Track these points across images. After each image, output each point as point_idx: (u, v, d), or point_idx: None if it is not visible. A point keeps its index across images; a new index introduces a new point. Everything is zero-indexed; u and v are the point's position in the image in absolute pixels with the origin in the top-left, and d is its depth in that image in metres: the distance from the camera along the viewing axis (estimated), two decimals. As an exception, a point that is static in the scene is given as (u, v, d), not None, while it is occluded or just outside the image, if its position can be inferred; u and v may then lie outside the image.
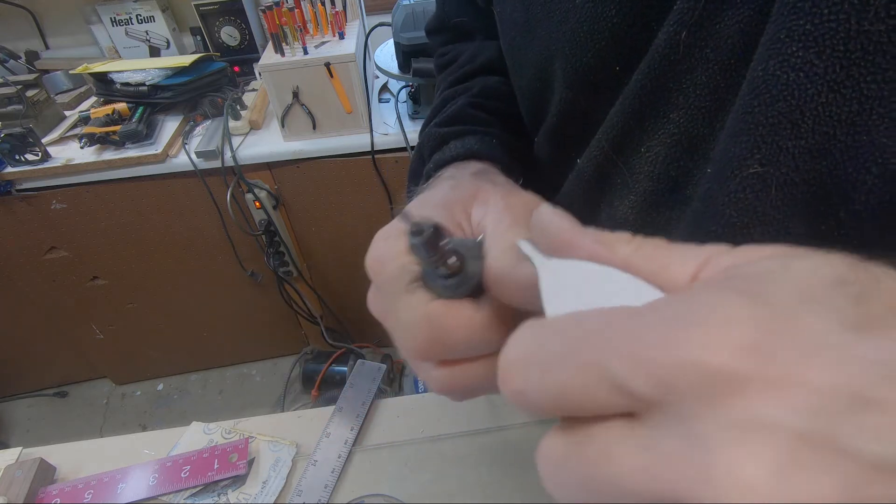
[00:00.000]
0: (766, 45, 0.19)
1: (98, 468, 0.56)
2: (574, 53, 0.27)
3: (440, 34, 0.51)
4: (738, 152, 0.21)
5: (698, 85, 0.23)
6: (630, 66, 0.25)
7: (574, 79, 0.28)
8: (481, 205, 0.26)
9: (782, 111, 0.19)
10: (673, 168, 0.25)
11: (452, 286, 0.22)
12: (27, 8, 1.45)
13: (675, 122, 0.24)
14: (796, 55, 0.18)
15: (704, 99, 0.23)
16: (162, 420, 1.68)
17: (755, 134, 0.20)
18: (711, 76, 0.22)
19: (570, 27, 0.26)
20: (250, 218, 1.30)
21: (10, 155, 1.14)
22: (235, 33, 1.38)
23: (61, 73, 1.39)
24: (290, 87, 1.12)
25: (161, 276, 1.43)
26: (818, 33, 0.17)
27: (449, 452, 0.56)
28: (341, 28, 1.16)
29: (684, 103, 0.23)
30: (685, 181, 0.25)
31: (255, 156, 1.20)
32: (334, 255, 1.45)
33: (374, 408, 0.60)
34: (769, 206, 0.22)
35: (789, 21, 0.18)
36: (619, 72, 0.26)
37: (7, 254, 1.32)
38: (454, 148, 0.34)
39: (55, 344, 1.60)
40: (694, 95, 0.23)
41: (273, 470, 0.54)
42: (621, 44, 0.25)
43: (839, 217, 0.21)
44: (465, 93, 0.41)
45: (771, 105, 0.19)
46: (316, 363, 1.55)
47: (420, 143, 0.39)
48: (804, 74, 0.18)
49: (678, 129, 0.24)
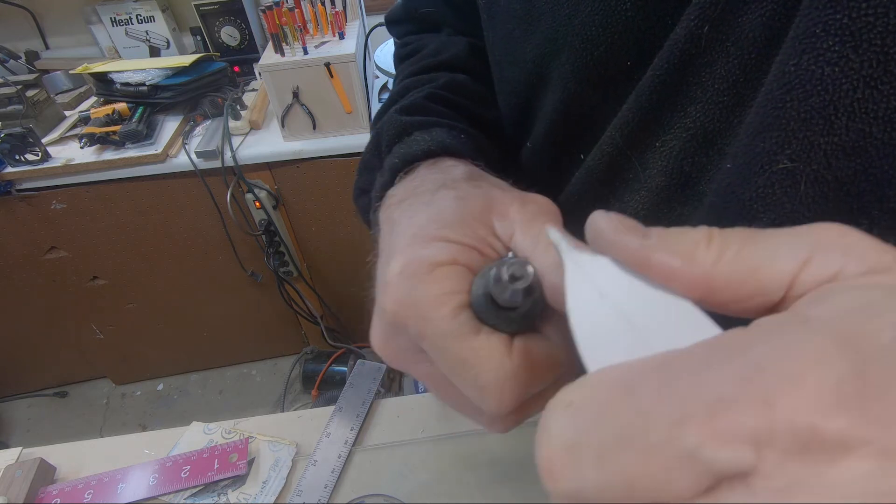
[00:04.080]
0: (799, 39, 0.18)
1: (98, 468, 0.56)
2: (585, 47, 0.26)
3: (402, 24, 0.47)
4: (766, 147, 0.21)
5: (717, 79, 0.22)
6: (643, 61, 0.25)
7: (584, 73, 0.27)
8: (501, 217, 0.24)
9: (815, 106, 0.19)
10: (687, 163, 0.25)
11: (518, 318, 0.20)
12: (27, 8, 1.45)
13: (691, 117, 0.24)
14: (832, 49, 0.17)
15: (723, 94, 0.22)
16: (162, 420, 1.68)
17: (786, 129, 0.20)
18: (731, 70, 0.22)
19: (581, 20, 0.26)
20: (250, 218, 1.30)
21: (10, 155, 1.14)
22: (235, 33, 1.38)
23: (61, 73, 1.39)
24: (290, 87, 1.12)
25: (161, 276, 1.43)
26: (855, 27, 0.17)
27: (449, 452, 0.55)
28: (341, 28, 1.16)
29: (702, 97, 0.23)
30: (699, 176, 0.25)
31: (255, 156, 1.20)
32: (334, 255, 1.45)
33: (374, 408, 0.60)
34: (798, 203, 0.21)
35: (825, 15, 0.17)
36: (631, 66, 0.26)
37: (7, 254, 1.32)
38: (422, 141, 0.31)
39: (55, 344, 1.59)
40: (712, 90, 0.23)
41: (273, 470, 0.54)
42: (635, 38, 0.25)
43: (872, 215, 0.20)
44: (429, 83, 0.38)
45: (804, 100, 0.19)
46: (316, 363, 1.56)
47: (377, 131, 0.34)
48: (839, 69, 0.18)
49: (694, 124, 0.24)
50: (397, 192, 0.29)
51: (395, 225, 0.26)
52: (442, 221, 0.23)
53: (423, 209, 0.25)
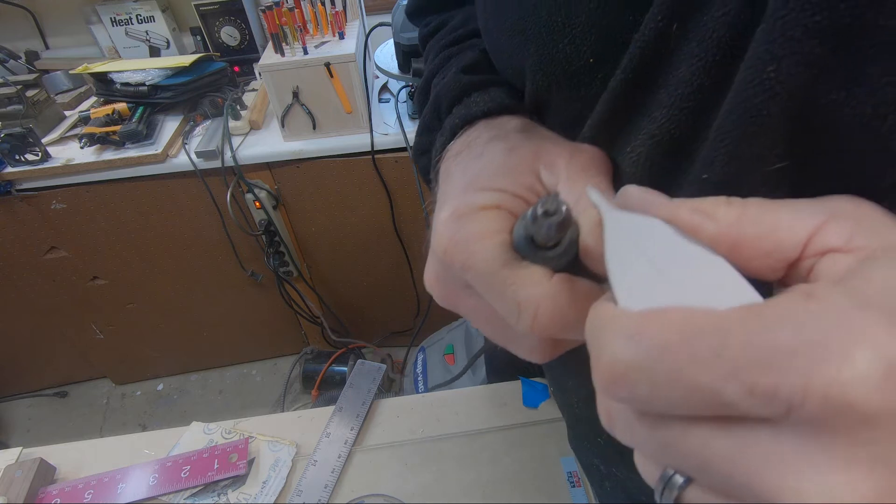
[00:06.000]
0: (776, 43, 0.18)
1: (98, 468, 0.56)
2: (551, 39, 0.25)
3: (423, 13, 0.47)
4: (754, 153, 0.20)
5: (682, 82, 0.21)
6: (607, 58, 0.24)
7: (550, 68, 0.27)
8: (549, 167, 0.25)
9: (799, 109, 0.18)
10: (656, 170, 0.24)
11: (556, 256, 0.21)
12: (27, 8, 1.45)
13: (658, 122, 0.23)
14: (814, 52, 0.17)
15: (688, 98, 0.21)
16: (162, 420, 1.68)
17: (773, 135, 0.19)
18: (696, 73, 0.21)
19: (546, 12, 0.25)
20: (250, 218, 1.30)
21: (10, 155, 1.14)
22: (235, 33, 1.38)
23: (61, 73, 1.39)
24: (290, 87, 1.12)
25: (161, 276, 1.43)
26: (835, 29, 0.17)
27: (449, 452, 0.56)
28: (341, 28, 1.16)
29: (667, 101, 0.22)
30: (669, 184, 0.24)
31: (255, 156, 1.20)
32: (334, 255, 1.45)
33: (374, 408, 0.60)
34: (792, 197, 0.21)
35: (804, 17, 0.17)
36: (594, 63, 0.25)
37: (7, 254, 1.32)
38: (481, 102, 0.32)
39: (55, 344, 1.60)
40: (676, 95, 0.22)
41: (273, 470, 0.54)
42: (598, 33, 0.24)
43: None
44: (472, 48, 0.38)
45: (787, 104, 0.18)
46: (316, 363, 1.56)
47: (437, 93, 0.35)
48: (818, 71, 0.17)
49: (660, 130, 0.23)
50: (454, 147, 0.31)
51: (449, 177, 0.28)
52: (491, 171, 0.25)
53: (476, 161, 0.27)
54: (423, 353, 1.38)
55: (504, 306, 0.22)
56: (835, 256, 0.15)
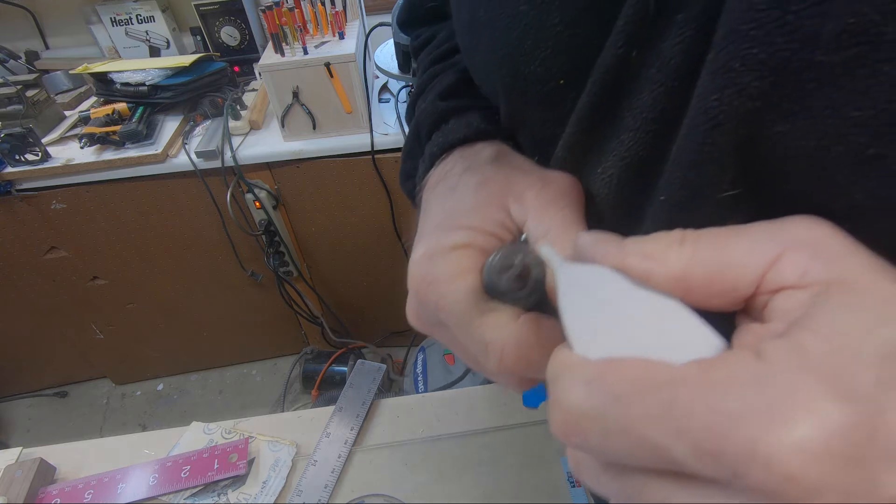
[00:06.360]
0: (719, 73, 0.18)
1: (98, 468, 0.56)
2: (523, 61, 0.26)
3: (414, 26, 0.47)
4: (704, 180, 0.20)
5: (646, 107, 0.22)
6: (577, 80, 0.24)
7: (523, 87, 0.27)
8: (518, 200, 0.26)
9: (743, 139, 0.19)
10: (626, 191, 0.24)
11: (524, 297, 0.22)
12: (27, 8, 1.45)
13: (625, 145, 0.23)
14: (752, 85, 0.17)
15: (652, 122, 0.22)
16: (162, 420, 1.68)
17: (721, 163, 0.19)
18: (658, 98, 0.21)
19: (517, 34, 0.25)
20: (250, 218, 1.30)
21: (10, 155, 1.14)
22: (235, 33, 1.38)
23: (61, 73, 1.39)
24: (290, 87, 1.12)
25: (161, 276, 1.43)
26: (773, 63, 0.17)
27: (449, 452, 0.56)
28: (341, 28, 1.16)
29: (632, 125, 0.22)
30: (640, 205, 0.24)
31: (255, 156, 1.20)
32: (334, 255, 1.45)
33: (374, 408, 0.60)
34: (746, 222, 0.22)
35: (742, 49, 0.17)
36: (564, 86, 0.25)
37: (7, 254, 1.32)
38: (458, 129, 0.32)
39: (55, 344, 1.60)
40: (641, 118, 0.22)
41: (273, 470, 0.54)
42: (567, 56, 0.24)
43: None
44: (453, 67, 0.38)
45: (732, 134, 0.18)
46: (316, 363, 1.56)
47: (417, 120, 0.36)
48: (761, 104, 0.18)
49: (629, 152, 0.23)
50: (432, 177, 0.32)
51: (426, 211, 0.29)
52: (462, 209, 0.26)
53: (449, 195, 0.28)
54: (423, 353, 1.38)
55: (473, 346, 0.23)
56: (789, 293, 0.15)
